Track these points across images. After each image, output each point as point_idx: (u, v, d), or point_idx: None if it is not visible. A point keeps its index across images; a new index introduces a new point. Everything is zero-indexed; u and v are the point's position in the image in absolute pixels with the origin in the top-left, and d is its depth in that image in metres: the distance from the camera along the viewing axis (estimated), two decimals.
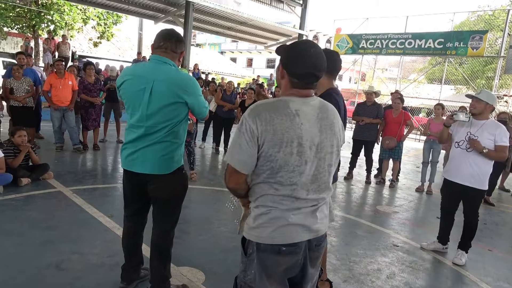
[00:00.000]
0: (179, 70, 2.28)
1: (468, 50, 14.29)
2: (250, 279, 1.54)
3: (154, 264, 2.48)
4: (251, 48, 37.23)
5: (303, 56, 1.47)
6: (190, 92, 2.21)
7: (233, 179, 1.49)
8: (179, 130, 2.31)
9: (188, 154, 5.71)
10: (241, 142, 1.42)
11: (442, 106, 6.72)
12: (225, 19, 16.00)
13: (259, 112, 1.43)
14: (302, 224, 1.51)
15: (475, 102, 3.58)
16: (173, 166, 2.32)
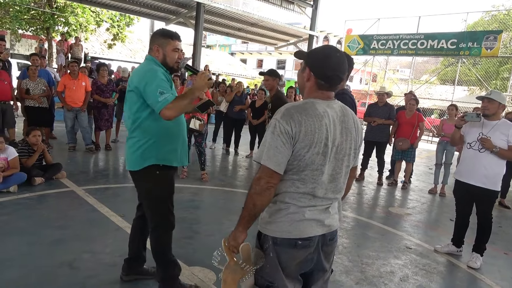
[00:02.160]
0: (147, 61, 2.34)
1: (482, 50, 14.07)
2: (267, 272, 1.58)
3: (156, 264, 2.56)
4: (261, 49, 37.24)
5: (331, 60, 1.55)
6: (141, 79, 2.20)
7: (269, 180, 1.49)
8: (149, 127, 2.27)
9: (199, 155, 5.72)
10: (278, 144, 1.47)
11: (456, 107, 6.61)
12: (236, 20, 16.03)
13: (292, 115, 1.48)
14: (316, 219, 1.57)
15: (488, 103, 3.52)
16: (142, 164, 2.30)
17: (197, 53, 12.92)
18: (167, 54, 2.34)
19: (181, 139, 2.45)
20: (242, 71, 31.04)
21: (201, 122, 5.53)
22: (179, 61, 2.40)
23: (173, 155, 2.39)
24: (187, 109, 2.30)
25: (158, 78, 2.20)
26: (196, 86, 2.27)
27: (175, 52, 2.36)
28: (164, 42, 2.34)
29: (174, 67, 2.39)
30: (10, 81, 6.26)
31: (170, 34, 2.36)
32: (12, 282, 2.54)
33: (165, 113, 2.14)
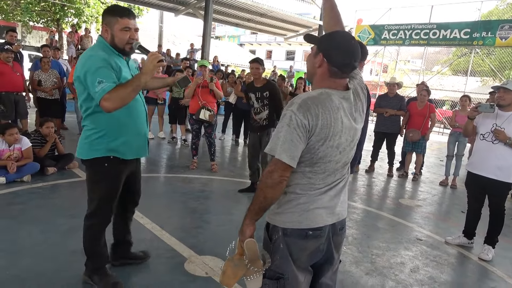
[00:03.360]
0: (95, 44, 2.22)
1: (497, 40, 13.77)
2: (276, 264, 1.56)
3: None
4: (271, 40, 37.01)
5: (346, 46, 1.49)
6: (81, 67, 2.04)
7: (282, 173, 1.46)
8: (98, 118, 2.15)
9: (209, 146, 5.74)
10: (293, 137, 1.42)
11: (469, 97, 6.51)
12: (245, 10, 15.91)
13: (309, 107, 1.43)
14: (326, 207, 1.55)
15: (504, 93, 3.45)
16: (90, 154, 2.22)
17: (206, 44, 12.89)
18: (115, 34, 2.11)
19: (135, 130, 2.29)
20: None
21: (211, 112, 5.53)
22: (131, 42, 2.14)
23: (126, 147, 2.26)
24: (129, 98, 2.04)
25: (97, 65, 2.00)
26: (144, 70, 2.05)
27: (125, 32, 2.11)
28: (112, 20, 2.10)
29: (126, 49, 2.16)
30: (22, 72, 6.33)
31: (118, 11, 2.11)
32: (27, 270, 2.60)
33: (103, 105, 1.96)
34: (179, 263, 2.88)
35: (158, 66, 2.06)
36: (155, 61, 2.04)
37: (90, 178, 2.34)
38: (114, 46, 2.15)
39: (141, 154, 2.42)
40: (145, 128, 2.39)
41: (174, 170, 5.65)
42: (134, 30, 2.16)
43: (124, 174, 2.39)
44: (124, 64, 2.21)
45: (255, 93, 4.61)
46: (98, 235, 2.41)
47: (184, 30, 32.05)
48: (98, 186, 2.31)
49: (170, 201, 4.30)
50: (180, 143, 7.75)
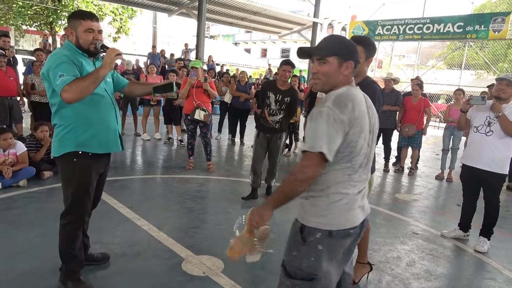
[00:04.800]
0: (63, 45, 2.29)
1: (490, 33, 13.82)
2: (310, 265, 1.57)
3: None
4: (265, 39, 36.95)
5: (355, 45, 1.63)
6: (46, 65, 2.15)
7: (316, 169, 1.49)
8: (65, 113, 2.22)
9: (205, 145, 5.75)
10: (331, 132, 1.46)
11: (462, 91, 6.54)
12: (239, 9, 15.88)
13: (344, 102, 1.50)
14: (361, 206, 1.65)
15: (506, 87, 3.46)
16: (60, 151, 2.26)
17: (201, 44, 12.85)
18: (79, 36, 2.22)
19: (103, 124, 2.33)
20: (246, 60, 30.88)
21: (206, 113, 5.54)
22: (95, 42, 2.24)
23: (95, 141, 2.29)
24: (89, 90, 2.10)
25: (58, 61, 2.11)
26: (102, 63, 2.16)
27: (89, 33, 2.22)
28: (76, 23, 2.22)
29: (91, 49, 2.25)
30: (16, 77, 6.31)
31: (81, 14, 2.24)
32: (25, 273, 2.60)
33: (63, 96, 2.04)
34: (176, 264, 2.89)
35: (116, 59, 2.17)
36: (112, 55, 2.15)
37: (62, 175, 2.36)
38: (80, 47, 2.25)
39: (112, 148, 2.42)
40: (115, 123, 2.42)
41: (170, 171, 5.66)
42: (98, 32, 2.27)
43: (95, 170, 2.39)
44: (89, 64, 2.29)
45: (276, 95, 4.38)
46: (73, 235, 2.40)
47: (179, 31, 31.91)
48: (69, 183, 2.33)
49: (167, 202, 4.31)
50: (176, 144, 7.75)
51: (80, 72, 2.17)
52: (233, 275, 2.79)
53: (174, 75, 7.79)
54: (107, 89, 2.40)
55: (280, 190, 1.55)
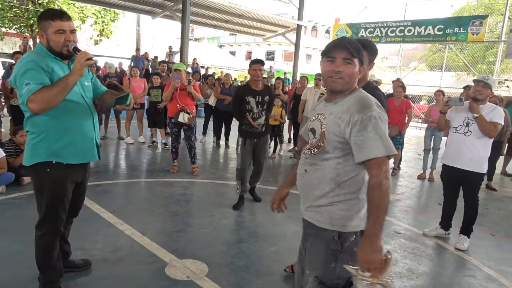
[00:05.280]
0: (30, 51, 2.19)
1: (469, 35, 14.16)
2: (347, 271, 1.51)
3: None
4: (250, 41, 37.04)
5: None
6: (14, 71, 2.04)
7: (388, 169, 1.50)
8: (37, 121, 2.08)
9: (189, 148, 5.72)
10: (386, 132, 1.51)
11: (442, 92, 6.68)
12: (223, 12, 15.89)
13: (378, 104, 1.57)
14: None
15: (482, 88, 3.55)
16: (32, 160, 2.14)
17: (185, 47, 12.80)
18: (50, 38, 2.06)
19: (79, 133, 2.19)
20: (231, 63, 30.88)
21: (190, 115, 5.52)
22: (67, 44, 2.07)
23: (69, 150, 2.16)
24: (57, 99, 1.97)
25: (25, 68, 1.98)
26: (72, 70, 2.00)
27: (60, 35, 2.05)
28: (45, 25, 2.06)
29: (63, 51, 2.09)
30: None
31: (50, 14, 2.06)
32: (4, 281, 2.54)
33: (29, 107, 1.93)
34: (159, 268, 2.86)
35: (86, 64, 2.01)
36: (82, 60, 1.99)
37: (35, 185, 2.24)
38: (51, 50, 2.10)
39: (89, 158, 2.30)
40: (92, 131, 2.28)
41: (154, 175, 5.61)
42: (70, 32, 2.10)
43: (71, 181, 2.27)
44: (63, 68, 2.13)
45: (256, 97, 4.22)
46: (49, 246, 2.30)
47: (163, 33, 31.70)
48: (42, 194, 2.21)
49: (151, 206, 4.27)
50: (160, 147, 7.68)
51: (50, 78, 2.03)
52: (217, 278, 2.78)
53: (158, 78, 7.74)
54: (84, 94, 2.25)
55: (378, 210, 1.44)
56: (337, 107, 1.59)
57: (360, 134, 1.48)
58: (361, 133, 1.48)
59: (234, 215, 4.15)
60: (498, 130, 3.54)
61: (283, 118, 7.45)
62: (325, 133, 1.58)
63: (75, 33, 2.16)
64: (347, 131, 1.51)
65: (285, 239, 3.62)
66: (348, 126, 1.51)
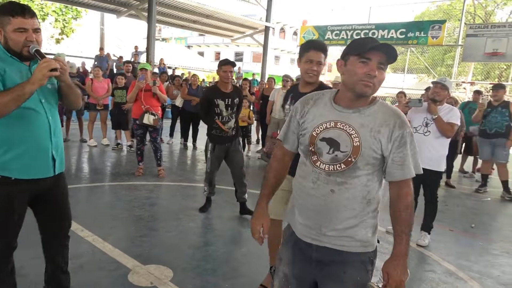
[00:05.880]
0: None
1: (429, 39, 14.75)
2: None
3: None
4: (218, 42, 36.89)
5: None
6: None
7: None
8: None
9: (155, 151, 5.59)
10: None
11: (404, 93, 6.94)
12: (190, 12, 15.72)
13: None
14: None
15: (440, 90, 3.70)
16: None
17: (151, 47, 12.56)
18: (8, 36, 1.80)
19: (33, 145, 1.90)
20: (199, 64, 30.62)
21: (155, 117, 5.40)
22: (28, 45, 1.81)
23: (17, 164, 1.87)
24: (8, 109, 1.73)
25: None
26: (32, 78, 1.75)
27: (20, 33, 1.80)
28: (4, 21, 1.79)
29: (23, 52, 1.83)
30: None
31: (10, 9, 1.79)
32: None
33: None
34: (122, 275, 2.77)
35: (49, 75, 1.75)
36: (45, 70, 1.73)
37: None
38: (9, 50, 1.83)
39: (40, 173, 1.96)
40: (47, 142, 1.96)
41: (119, 178, 5.44)
42: (33, 31, 1.84)
43: (20, 199, 1.96)
44: (21, 70, 1.88)
45: (225, 100, 4.05)
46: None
47: (129, 33, 30.98)
48: None
49: (114, 211, 4.13)
50: (125, 150, 7.48)
51: (2, 81, 1.78)
52: (182, 283, 2.72)
53: (123, 78, 7.53)
54: (43, 99, 1.95)
55: (409, 229, 1.48)
56: (368, 118, 1.43)
57: (399, 151, 1.41)
58: (401, 150, 1.41)
59: (202, 217, 4.09)
60: (455, 130, 3.70)
61: (251, 119, 7.46)
62: (359, 148, 1.41)
63: (40, 32, 1.88)
64: (389, 147, 1.42)
65: (253, 240, 3.60)
66: (390, 142, 1.41)
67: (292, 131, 1.61)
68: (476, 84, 14.75)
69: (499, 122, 5.95)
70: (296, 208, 1.57)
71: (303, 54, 2.47)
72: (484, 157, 6.31)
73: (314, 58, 2.45)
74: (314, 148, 1.47)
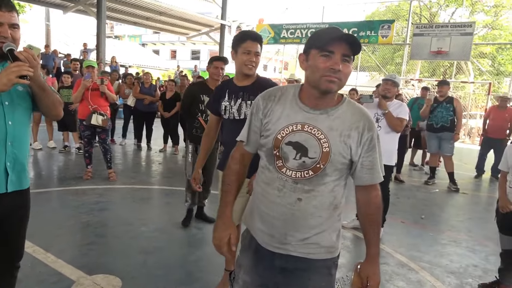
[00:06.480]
0: None
1: (379, 38, 15.33)
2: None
3: None
4: (174, 40, 36.16)
5: None
6: None
7: None
8: None
9: (104, 152, 5.32)
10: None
11: (356, 91, 7.12)
12: (143, 9, 15.25)
13: None
14: None
15: (391, 86, 3.80)
16: None
17: (101, 44, 12.05)
18: None
19: None
20: (154, 62, 29.81)
21: (104, 117, 5.13)
22: (3, 41, 1.58)
23: None
24: None
25: None
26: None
27: None
28: None
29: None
30: None
31: None
32: None
33: None
34: None
35: (15, 82, 1.53)
36: (13, 75, 1.51)
37: None
38: None
39: None
40: (1, 153, 1.66)
41: (65, 183, 5.11)
42: (10, 26, 1.61)
43: None
44: None
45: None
46: None
47: (78, 29, 29.50)
48: None
49: (59, 218, 3.86)
50: (74, 152, 7.07)
51: None
52: None
53: (69, 77, 7.11)
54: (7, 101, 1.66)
55: (379, 231, 1.47)
56: (337, 121, 1.35)
57: (368, 154, 1.37)
58: (370, 154, 1.37)
59: (154, 222, 3.92)
60: (404, 125, 3.82)
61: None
62: (329, 154, 1.32)
63: (18, 29, 1.64)
64: (358, 151, 1.36)
65: (208, 243, 3.50)
66: (360, 146, 1.35)
67: (254, 131, 1.47)
68: (423, 81, 15.52)
69: (444, 117, 6.25)
70: (258, 215, 1.45)
71: (239, 45, 2.28)
72: (432, 151, 6.61)
73: (252, 49, 2.26)
74: (279, 152, 1.35)
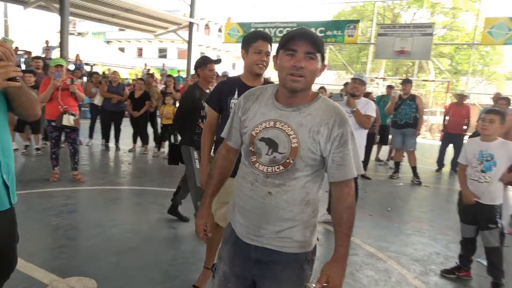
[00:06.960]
0: None
1: (345, 37, 15.73)
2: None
3: None
4: (141, 37, 35.35)
5: None
6: None
7: None
8: None
9: (73, 153, 5.17)
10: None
11: (324, 89, 7.30)
12: (108, 5, 14.79)
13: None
14: None
15: (359, 85, 3.96)
16: None
17: (64, 42, 11.60)
18: None
19: None
20: (120, 60, 29.07)
21: (75, 117, 5.00)
22: None
23: None
24: None
25: None
26: None
27: None
28: None
29: None
30: None
31: None
32: None
33: None
34: None
35: (4, 86, 1.42)
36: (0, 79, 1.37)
37: None
38: None
39: None
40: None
41: (30, 185, 4.92)
42: None
43: None
44: None
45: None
46: None
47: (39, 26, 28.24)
48: None
49: (26, 222, 3.73)
50: (34, 153, 6.80)
51: None
52: None
53: (32, 76, 6.82)
54: None
55: (350, 231, 1.44)
56: (307, 117, 1.37)
57: (339, 150, 1.36)
58: (341, 150, 1.36)
59: (126, 222, 3.88)
60: (371, 121, 3.99)
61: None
62: (298, 149, 1.35)
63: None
64: (328, 147, 1.36)
65: (182, 241, 3.53)
66: (329, 142, 1.36)
67: (234, 127, 1.54)
68: (388, 79, 16.11)
69: (408, 114, 6.55)
70: (236, 208, 1.52)
71: (250, 45, 2.28)
72: (396, 146, 6.91)
73: (263, 49, 2.28)
74: (254, 148, 1.41)
